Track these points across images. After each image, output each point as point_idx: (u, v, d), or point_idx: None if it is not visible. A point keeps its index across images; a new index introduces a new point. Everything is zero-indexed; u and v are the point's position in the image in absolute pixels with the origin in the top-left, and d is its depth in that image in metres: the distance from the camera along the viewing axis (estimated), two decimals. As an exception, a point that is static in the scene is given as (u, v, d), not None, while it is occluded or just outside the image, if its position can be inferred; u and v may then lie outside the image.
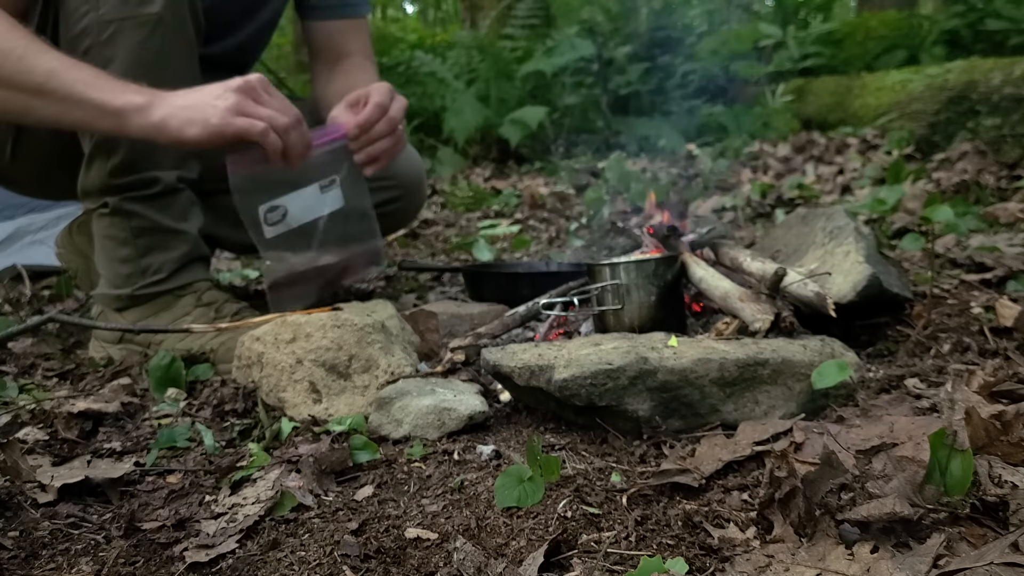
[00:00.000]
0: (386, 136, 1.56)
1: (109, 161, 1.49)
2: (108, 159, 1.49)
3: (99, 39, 1.41)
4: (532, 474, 0.91)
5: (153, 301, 1.54)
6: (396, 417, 1.13)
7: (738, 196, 3.12)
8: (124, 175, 1.50)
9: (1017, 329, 1.28)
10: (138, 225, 1.52)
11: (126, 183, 1.50)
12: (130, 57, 1.42)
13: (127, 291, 1.53)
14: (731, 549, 0.78)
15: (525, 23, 6.19)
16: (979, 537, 0.74)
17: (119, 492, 1.01)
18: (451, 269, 2.29)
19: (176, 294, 1.55)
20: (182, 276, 1.56)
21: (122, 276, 1.54)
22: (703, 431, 1.05)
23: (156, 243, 1.53)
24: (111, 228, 1.53)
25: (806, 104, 4.96)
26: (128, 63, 1.41)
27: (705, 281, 1.40)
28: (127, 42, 1.42)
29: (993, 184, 2.67)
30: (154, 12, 1.42)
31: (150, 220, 1.52)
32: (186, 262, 1.57)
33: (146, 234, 1.53)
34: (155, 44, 1.44)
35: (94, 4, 1.40)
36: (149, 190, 1.52)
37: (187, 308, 1.54)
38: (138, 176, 1.50)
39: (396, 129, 1.58)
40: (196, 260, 1.60)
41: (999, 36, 4.96)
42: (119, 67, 1.40)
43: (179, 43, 1.48)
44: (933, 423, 0.93)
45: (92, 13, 1.40)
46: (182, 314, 1.54)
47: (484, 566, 0.78)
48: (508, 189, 4.07)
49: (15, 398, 1.36)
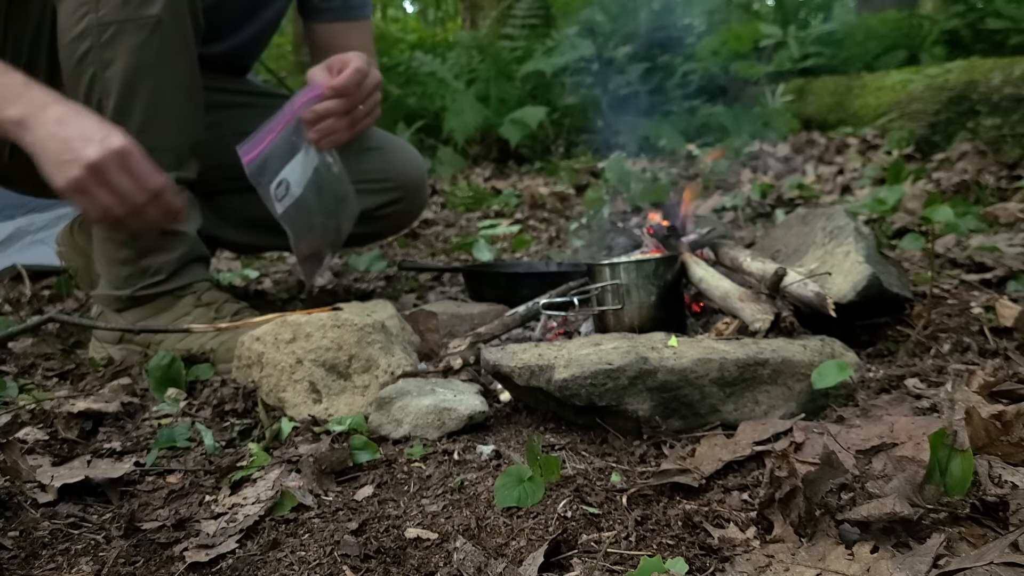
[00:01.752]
0: (358, 104, 1.57)
1: None
2: None
3: (99, 41, 1.41)
4: (532, 474, 0.91)
5: (153, 302, 1.54)
6: (396, 417, 1.13)
7: (738, 196, 3.12)
8: None
9: (1017, 329, 1.28)
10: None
11: None
12: (130, 59, 1.41)
13: (127, 292, 1.54)
14: (731, 549, 0.78)
15: (525, 23, 6.18)
16: (979, 537, 0.74)
17: (119, 492, 1.01)
18: (451, 269, 2.29)
19: (176, 295, 1.55)
20: (182, 277, 1.56)
21: (121, 278, 1.54)
22: (703, 431, 1.05)
23: (155, 244, 1.53)
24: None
25: (806, 104, 4.96)
26: (128, 65, 1.41)
27: (705, 281, 1.40)
28: (127, 44, 1.41)
29: (993, 184, 2.67)
30: (154, 14, 1.42)
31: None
32: (185, 262, 1.57)
33: (146, 235, 1.53)
34: (155, 46, 1.44)
35: (93, 6, 1.40)
36: None
37: (187, 308, 1.54)
38: None
39: (371, 96, 1.59)
40: (195, 260, 1.60)
41: (999, 36, 4.96)
42: (119, 68, 1.40)
43: (179, 45, 1.47)
44: (933, 423, 0.93)
45: (92, 15, 1.40)
46: (182, 314, 1.54)
47: (484, 566, 0.78)
48: (508, 189, 4.07)
49: (15, 398, 1.36)
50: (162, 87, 1.44)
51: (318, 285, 2.26)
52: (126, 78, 1.40)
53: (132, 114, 1.43)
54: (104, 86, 1.42)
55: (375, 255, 2.57)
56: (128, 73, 1.40)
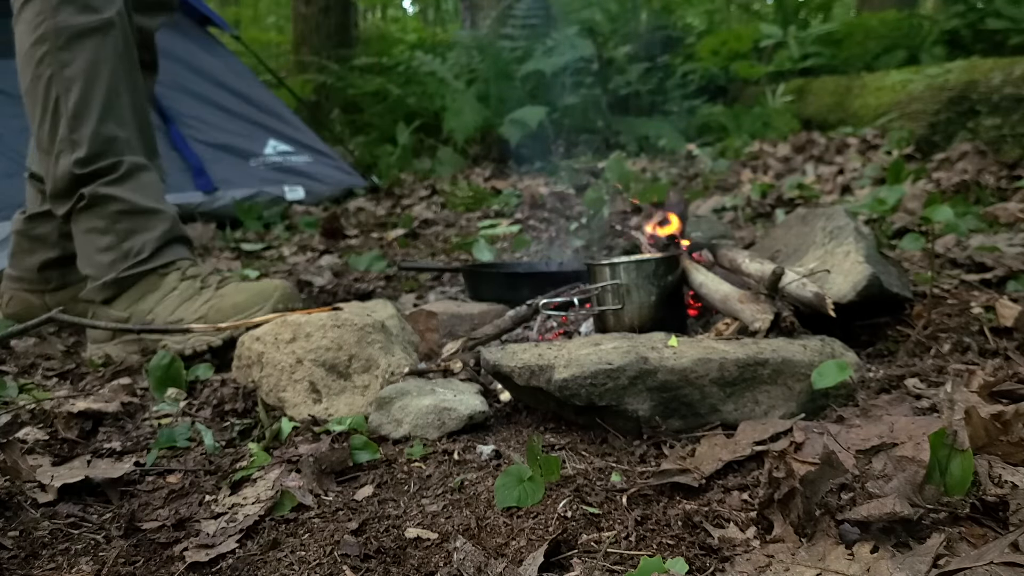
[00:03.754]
0: None
1: (73, 155, 1.54)
2: (72, 154, 1.54)
3: (56, 44, 1.51)
4: (532, 474, 0.91)
5: (138, 283, 1.58)
6: (396, 417, 1.13)
7: (738, 196, 3.12)
8: (89, 164, 1.55)
9: (1017, 329, 1.28)
10: (117, 209, 1.56)
11: (93, 171, 1.56)
12: (88, 58, 1.52)
13: (112, 276, 1.56)
14: (731, 549, 0.78)
15: (525, 23, 6.18)
16: (979, 537, 0.74)
17: (119, 492, 1.01)
18: (451, 269, 2.28)
19: (160, 273, 1.59)
20: (164, 255, 1.60)
21: (105, 265, 1.57)
22: (703, 431, 1.05)
23: (136, 225, 1.58)
24: (92, 220, 1.57)
25: (806, 104, 4.96)
26: (87, 63, 1.52)
27: (705, 286, 1.40)
28: (84, 45, 1.52)
29: (993, 184, 2.67)
30: (108, 17, 1.54)
31: (127, 202, 1.56)
32: (167, 241, 1.61)
33: (125, 217, 1.57)
34: (109, 45, 1.55)
35: (51, 13, 1.50)
36: (117, 172, 1.57)
37: (171, 285, 1.58)
38: (104, 163, 1.56)
39: None
40: (177, 240, 1.64)
41: (999, 36, 4.96)
42: (79, 67, 1.51)
43: (126, 43, 1.58)
44: (933, 423, 0.93)
45: (49, 21, 1.50)
46: (169, 290, 1.57)
47: (484, 566, 0.78)
48: (508, 189, 4.07)
49: (15, 398, 1.36)
50: (116, 81, 1.55)
51: (318, 285, 2.26)
52: (85, 76, 1.51)
53: (92, 107, 1.53)
54: (63, 84, 1.52)
55: (375, 255, 2.57)
56: (87, 71, 1.51)
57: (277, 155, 3.83)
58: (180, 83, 3.60)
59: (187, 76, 3.66)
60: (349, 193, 4.12)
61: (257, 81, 4.24)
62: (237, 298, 1.53)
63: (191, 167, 3.44)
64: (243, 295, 1.53)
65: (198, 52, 3.79)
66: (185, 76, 3.65)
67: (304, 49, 6.97)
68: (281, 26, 10.41)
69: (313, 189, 3.88)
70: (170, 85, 3.53)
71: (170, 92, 3.53)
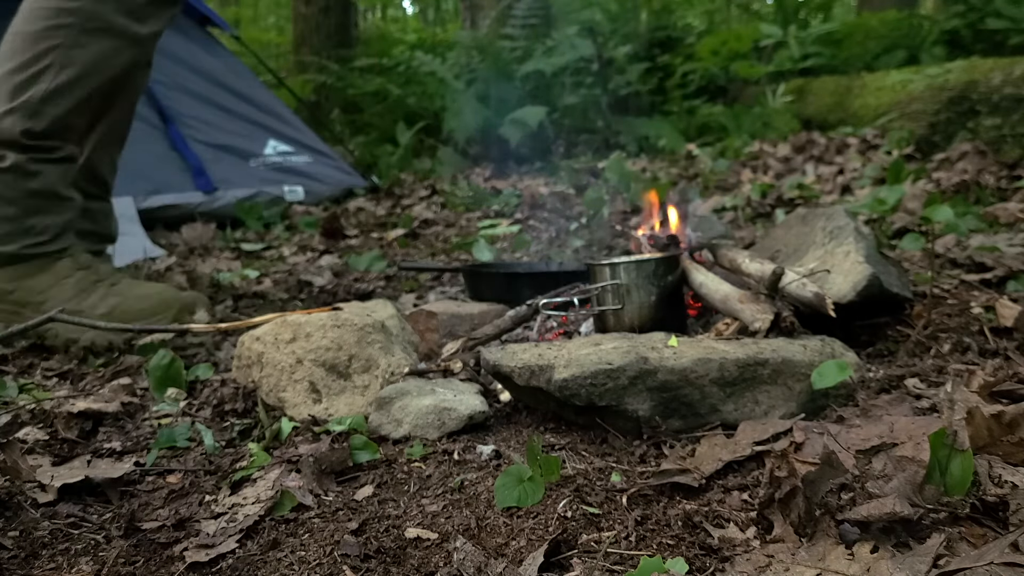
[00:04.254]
0: None
1: (28, 123, 1.55)
2: (27, 121, 1.55)
3: (83, 25, 1.51)
4: (532, 474, 0.91)
5: (31, 261, 1.60)
6: (396, 417, 1.13)
7: (738, 196, 3.12)
8: (36, 139, 1.57)
9: (1017, 329, 1.28)
10: (36, 187, 1.58)
11: (35, 145, 1.57)
12: (97, 55, 1.53)
13: (8, 249, 1.58)
14: (731, 549, 0.78)
15: (525, 23, 6.18)
16: (979, 537, 0.74)
17: (119, 492, 1.01)
18: (451, 269, 2.28)
19: (55, 257, 1.62)
20: (62, 240, 1.63)
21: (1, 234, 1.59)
22: (703, 431, 1.05)
23: (46, 207, 1.60)
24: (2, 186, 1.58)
25: (806, 104, 4.96)
26: (92, 59, 1.53)
27: (705, 286, 1.40)
28: (102, 43, 1.53)
29: (993, 184, 2.67)
30: (141, 34, 1.55)
31: (49, 184, 1.59)
32: (67, 229, 1.64)
33: (39, 197, 1.59)
34: (124, 59, 1.57)
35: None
36: (53, 155, 1.59)
37: (66, 271, 1.61)
38: (48, 142, 1.58)
39: None
40: (75, 230, 1.68)
41: (999, 36, 4.96)
42: (84, 57, 1.52)
43: (137, 70, 1.61)
44: (933, 423, 0.93)
45: (88, 2, 1.50)
46: (63, 276, 1.60)
47: (484, 566, 0.78)
48: (508, 189, 4.07)
49: (15, 398, 1.36)
50: (109, 89, 1.57)
51: (318, 285, 2.26)
52: (86, 67, 1.52)
53: (73, 96, 1.54)
54: (63, 59, 1.52)
55: (375, 255, 2.57)
56: (91, 64, 1.52)
57: (277, 155, 3.84)
58: (180, 83, 3.61)
59: (187, 76, 3.66)
60: (349, 193, 4.13)
61: (257, 81, 4.24)
62: (142, 304, 1.59)
63: (191, 167, 3.44)
64: (147, 303, 1.60)
65: (198, 52, 3.79)
66: (185, 76, 3.65)
67: (304, 49, 6.98)
68: (281, 26, 10.42)
69: (313, 189, 3.88)
70: (170, 85, 3.53)
71: (170, 92, 3.53)
